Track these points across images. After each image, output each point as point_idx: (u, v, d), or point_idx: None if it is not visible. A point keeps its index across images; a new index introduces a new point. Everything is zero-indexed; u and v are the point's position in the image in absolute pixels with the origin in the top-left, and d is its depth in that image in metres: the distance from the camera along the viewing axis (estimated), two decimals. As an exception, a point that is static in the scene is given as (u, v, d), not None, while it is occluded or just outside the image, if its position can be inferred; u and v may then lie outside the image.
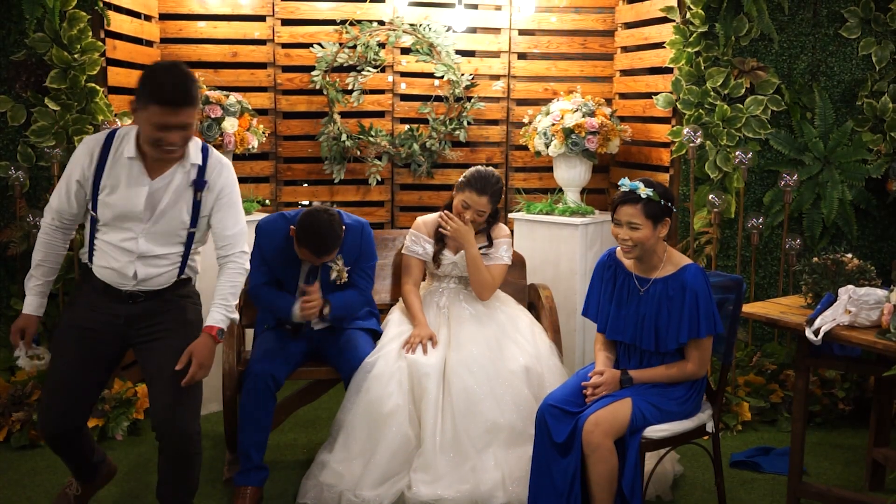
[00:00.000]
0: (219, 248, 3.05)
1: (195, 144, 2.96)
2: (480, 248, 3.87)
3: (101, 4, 4.31)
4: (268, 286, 3.69)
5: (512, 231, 5.00)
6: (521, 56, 5.40)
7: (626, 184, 3.19)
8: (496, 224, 3.95)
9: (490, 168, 3.88)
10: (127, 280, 2.95)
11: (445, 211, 3.86)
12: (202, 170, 2.96)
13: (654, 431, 3.13)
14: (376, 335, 3.84)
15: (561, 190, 5.02)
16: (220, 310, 2.98)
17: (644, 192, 3.14)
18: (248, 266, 3.10)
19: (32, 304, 3.05)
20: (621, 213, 3.17)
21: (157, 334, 2.99)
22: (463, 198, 3.81)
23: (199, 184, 2.96)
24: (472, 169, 3.87)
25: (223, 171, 3.03)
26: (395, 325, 3.82)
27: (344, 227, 3.59)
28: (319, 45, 5.14)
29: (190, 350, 2.89)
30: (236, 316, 3.04)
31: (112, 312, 2.98)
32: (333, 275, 3.67)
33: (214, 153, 3.02)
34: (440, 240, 3.92)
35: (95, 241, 2.96)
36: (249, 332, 4.21)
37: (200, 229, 3.02)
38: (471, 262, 3.82)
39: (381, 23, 5.20)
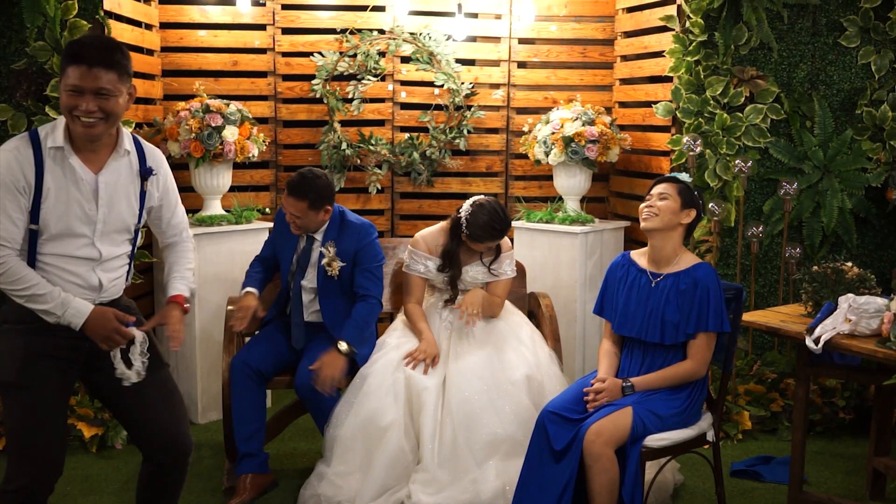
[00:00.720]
0: (170, 236, 2.89)
1: (125, 132, 2.72)
2: (486, 262, 3.85)
3: (102, 13, 4.31)
4: (260, 261, 3.91)
5: (512, 239, 5.00)
6: (521, 65, 5.41)
7: (680, 174, 3.38)
8: None
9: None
10: (90, 292, 2.68)
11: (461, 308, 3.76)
12: (142, 157, 2.74)
13: (655, 440, 3.13)
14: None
15: (561, 198, 5.02)
16: (182, 282, 2.83)
17: (684, 177, 3.34)
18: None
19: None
20: (656, 187, 3.33)
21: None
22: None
23: (146, 171, 2.73)
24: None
25: (161, 158, 2.82)
26: (394, 339, 3.79)
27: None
28: (320, 53, 5.15)
29: (161, 320, 2.72)
30: (195, 286, 2.93)
31: (74, 334, 2.64)
32: (325, 260, 3.72)
33: (143, 140, 2.80)
34: (453, 262, 3.84)
35: (39, 258, 2.60)
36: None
37: (142, 225, 2.81)
38: (485, 303, 3.81)
39: (382, 32, 5.21)
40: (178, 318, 2.74)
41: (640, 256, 3.40)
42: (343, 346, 3.60)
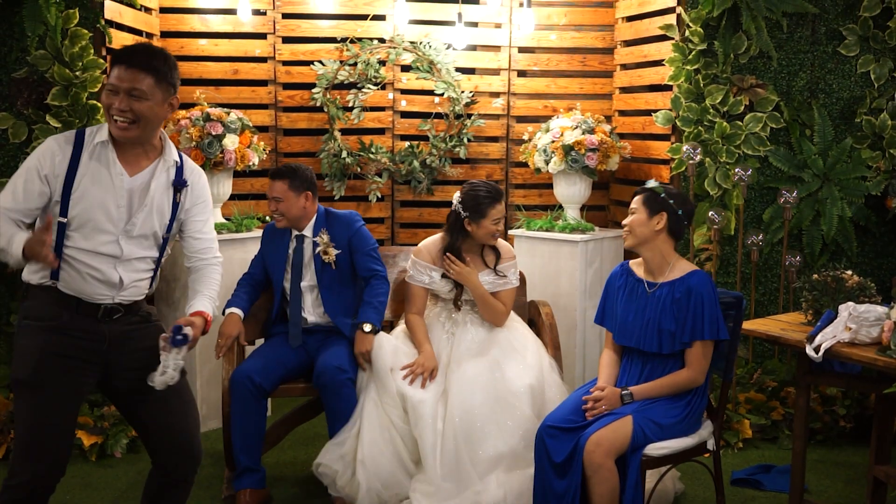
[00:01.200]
0: (198, 250, 2.88)
1: (171, 145, 2.79)
2: (490, 270, 3.85)
3: (103, 22, 4.33)
4: (248, 279, 3.92)
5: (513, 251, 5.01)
6: (521, 73, 5.42)
7: (648, 182, 3.38)
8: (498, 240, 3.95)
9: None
10: (111, 289, 2.69)
11: (448, 254, 3.79)
12: (180, 169, 2.78)
13: (655, 449, 3.12)
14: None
15: (561, 207, 5.02)
16: (208, 301, 2.83)
17: (652, 184, 3.33)
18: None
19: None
20: (631, 204, 3.34)
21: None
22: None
23: (181, 183, 2.77)
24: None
25: (199, 173, 2.87)
26: (390, 353, 3.77)
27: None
28: (320, 62, 5.16)
29: (189, 322, 2.70)
30: (217, 312, 2.93)
31: (93, 335, 2.68)
32: (320, 248, 3.79)
33: (187, 157, 2.86)
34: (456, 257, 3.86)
35: (65, 251, 2.63)
36: (249, 349, 4.21)
37: (173, 234, 2.83)
38: (479, 301, 3.81)
39: (382, 40, 5.23)
40: (199, 325, 2.73)
41: (637, 266, 3.41)
42: (367, 327, 3.72)
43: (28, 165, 2.63)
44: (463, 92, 5.25)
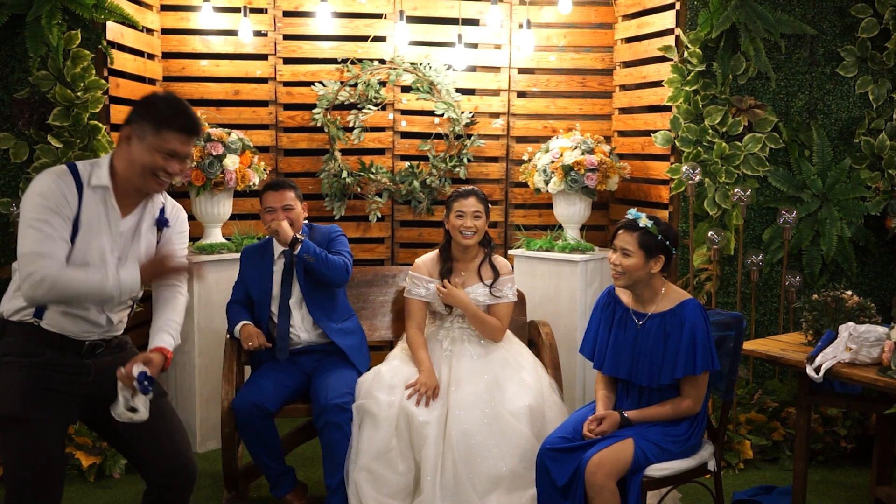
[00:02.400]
0: (167, 283, 2.89)
1: None
2: (487, 285, 3.86)
3: (105, 43, 4.35)
4: (238, 304, 3.96)
5: (512, 268, 5.00)
6: (521, 94, 5.44)
7: (631, 213, 3.25)
8: (494, 255, 3.95)
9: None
10: (96, 327, 2.72)
11: (444, 281, 3.82)
12: (163, 209, 2.84)
13: (656, 470, 3.11)
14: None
15: (560, 227, 5.03)
16: (169, 335, 2.81)
17: (644, 222, 3.18)
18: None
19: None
20: (618, 238, 3.23)
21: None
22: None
23: (162, 222, 2.83)
24: None
25: (179, 208, 2.92)
26: (389, 372, 3.77)
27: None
28: (321, 83, 5.19)
29: (142, 361, 2.65)
30: (178, 343, 2.90)
31: (78, 369, 2.69)
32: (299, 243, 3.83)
33: (168, 196, 2.90)
34: (446, 269, 3.89)
35: None
36: (247, 370, 4.21)
37: None
38: (471, 319, 3.82)
39: (382, 61, 5.25)
40: (158, 364, 2.70)
41: (623, 293, 3.35)
42: (301, 236, 3.80)
43: (45, 213, 2.54)
44: (463, 112, 5.27)
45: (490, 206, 5.36)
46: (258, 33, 5.18)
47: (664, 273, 3.26)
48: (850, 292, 3.47)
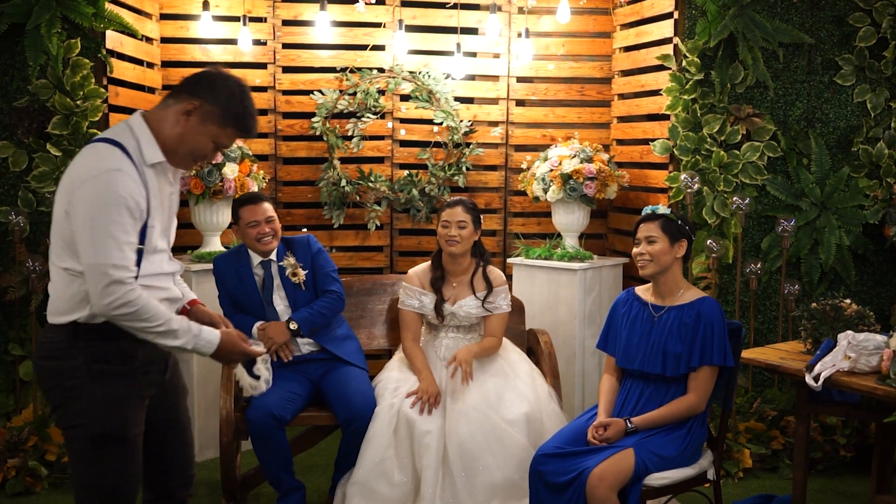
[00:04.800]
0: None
1: None
2: (479, 298, 3.86)
3: (104, 52, 4.36)
4: (239, 314, 3.86)
5: (511, 276, 5.01)
6: (520, 103, 5.45)
7: (648, 208, 3.39)
8: (488, 266, 3.96)
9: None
10: (174, 304, 2.58)
11: (451, 369, 3.72)
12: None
13: (656, 479, 3.11)
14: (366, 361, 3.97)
15: (559, 235, 5.03)
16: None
17: (663, 210, 3.34)
18: None
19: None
20: (640, 230, 3.33)
21: (178, 382, 2.70)
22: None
23: (179, 178, 2.64)
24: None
25: None
26: (392, 382, 3.77)
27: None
28: (320, 91, 5.19)
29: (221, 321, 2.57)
30: None
31: (160, 366, 2.58)
32: (288, 271, 3.83)
33: None
34: (437, 291, 3.90)
35: (140, 280, 2.41)
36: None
37: None
38: (478, 355, 3.80)
39: (381, 70, 5.26)
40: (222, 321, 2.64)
41: (643, 291, 3.43)
42: (294, 325, 3.76)
43: (122, 215, 2.32)
44: (462, 121, 5.27)
45: (488, 214, 5.41)
46: (257, 42, 5.19)
47: (684, 262, 3.35)
48: (848, 301, 3.47)
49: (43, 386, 2.53)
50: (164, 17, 5.10)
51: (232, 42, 5.11)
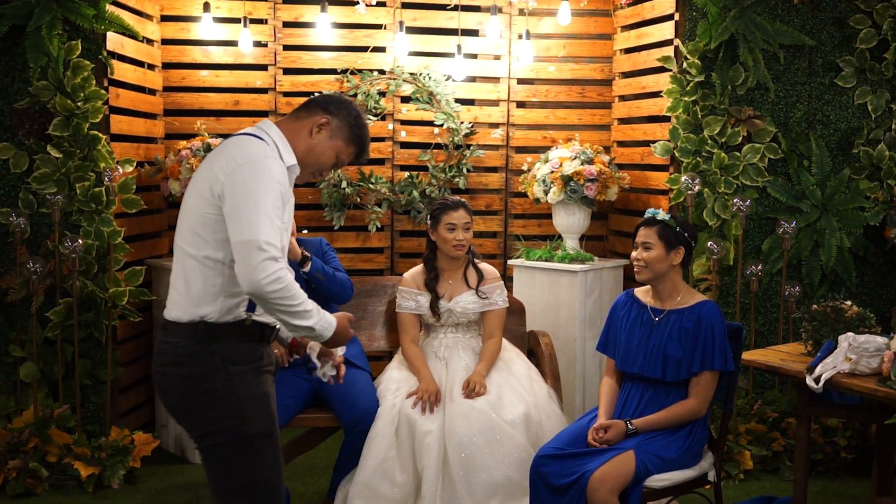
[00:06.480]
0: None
1: None
2: (472, 291, 3.87)
3: (105, 54, 4.36)
4: None
5: (511, 278, 5.01)
6: (520, 104, 5.45)
7: (650, 211, 3.36)
8: (476, 259, 3.97)
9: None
10: None
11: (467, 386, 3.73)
12: None
13: (656, 481, 3.11)
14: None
15: (560, 237, 5.03)
16: None
17: (662, 216, 3.30)
18: None
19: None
20: (638, 235, 3.32)
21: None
22: None
23: None
24: None
25: None
26: (393, 384, 3.78)
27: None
28: (321, 93, 5.19)
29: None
30: None
31: (276, 364, 2.62)
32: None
33: None
34: (432, 290, 3.91)
35: None
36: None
37: None
38: (488, 369, 3.80)
39: (382, 72, 5.26)
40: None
41: (643, 294, 3.42)
42: (307, 253, 3.82)
43: (279, 201, 2.38)
44: (462, 123, 5.27)
45: (489, 216, 5.41)
46: (258, 44, 5.19)
47: (684, 269, 3.33)
48: (849, 302, 3.47)
49: (172, 394, 2.49)
50: (164, 18, 5.10)
51: (233, 44, 5.11)
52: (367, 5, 5.05)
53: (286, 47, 5.23)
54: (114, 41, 4.46)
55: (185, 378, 2.44)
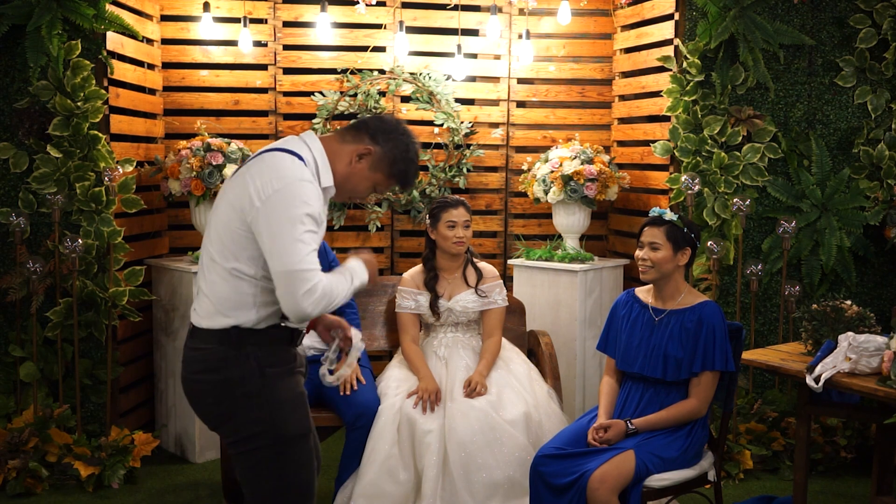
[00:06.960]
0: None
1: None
2: (472, 290, 3.88)
3: (105, 53, 4.36)
4: None
5: (511, 277, 5.01)
6: (520, 104, 5.45)
7: (655, 210, 3.35)
8: (475, 258, 3.97)
9: None
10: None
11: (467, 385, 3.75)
12: None
13: (656, 481, 3.11)
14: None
15: (560, 236, 5.03)
16: None
17: (670, 216, 3.29)
18: None
19: None
20: (645, 234, 3.30)
21: None
22: None
23: None
24: None
25: None
26: (393, 382, 3.79)
27: None
28: (321, 93, 5.19)
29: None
30: None
31: (305, 367, 2.67)
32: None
33: None
34: (432, 289, 3.92)
35: None
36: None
37: None
38: (489, 369, 3.81)
39: (382, 72, 5.26)
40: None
41: (644, 293, 3.42)
42: None
43: (311, 223, 2.39)
44: (462, 122, 5.27)
45: (489, 216, 5.41)
46: (258, 44, 5.19)
47: (687, 269, 3.33)
48: (849, 302, 3.47)
49: (205, 400, 2.51)
50: (164, 18, 5.10)
51: (233, 43, 5.11)
52: (367, 5, 5.05)
53: (286, 47, 5.23)
54: (114, 41, 4.46)
55: (219, 383, 2.45)
